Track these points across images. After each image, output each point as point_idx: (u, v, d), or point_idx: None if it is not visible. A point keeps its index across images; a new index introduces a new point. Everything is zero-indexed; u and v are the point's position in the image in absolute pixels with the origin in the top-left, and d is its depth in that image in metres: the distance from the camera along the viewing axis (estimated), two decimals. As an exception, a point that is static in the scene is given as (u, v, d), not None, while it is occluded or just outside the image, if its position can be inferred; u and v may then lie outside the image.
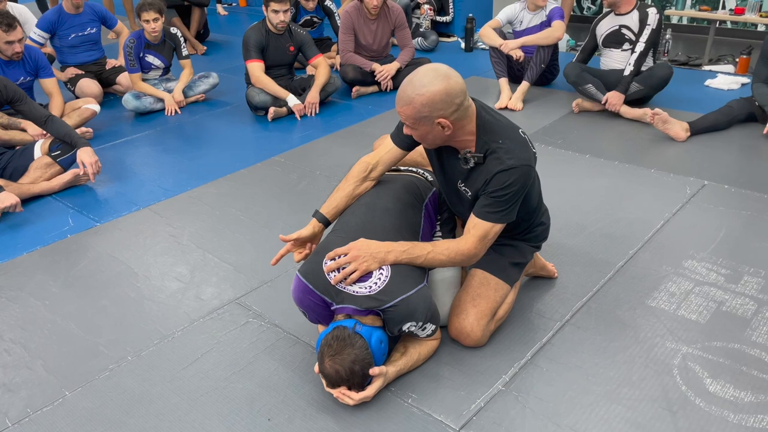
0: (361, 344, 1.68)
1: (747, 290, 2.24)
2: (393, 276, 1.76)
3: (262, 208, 3.04)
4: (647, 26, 3.79)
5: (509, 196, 1.78)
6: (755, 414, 1.72)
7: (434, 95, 1.67)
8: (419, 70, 1.71)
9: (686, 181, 3.06)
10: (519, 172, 1.76)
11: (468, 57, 5.76)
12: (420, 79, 1.68)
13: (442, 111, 1.70)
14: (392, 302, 1.73)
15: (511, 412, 1.76)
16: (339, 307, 1.78)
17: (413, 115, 1.72)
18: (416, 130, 1.78)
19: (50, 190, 3.26)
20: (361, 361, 1.68)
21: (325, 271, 1.76)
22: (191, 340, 2.13)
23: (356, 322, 1.72)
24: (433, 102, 1.68)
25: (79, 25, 4.59)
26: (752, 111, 3.68)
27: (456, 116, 1.73)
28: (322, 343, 1.72)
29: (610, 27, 3.98)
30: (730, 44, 5.93)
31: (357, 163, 2.07)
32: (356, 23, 4.58)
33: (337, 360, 1.67)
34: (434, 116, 1.71)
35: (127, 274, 2.54)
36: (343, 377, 1.68)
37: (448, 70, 1.72)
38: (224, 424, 1.77)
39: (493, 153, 1.78)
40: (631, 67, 3.81)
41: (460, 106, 1.72)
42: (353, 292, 1.75)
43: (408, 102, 1.70)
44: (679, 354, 1.95)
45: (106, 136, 4.08)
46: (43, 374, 2.01)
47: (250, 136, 4.07)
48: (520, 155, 1.78)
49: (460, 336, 1.98)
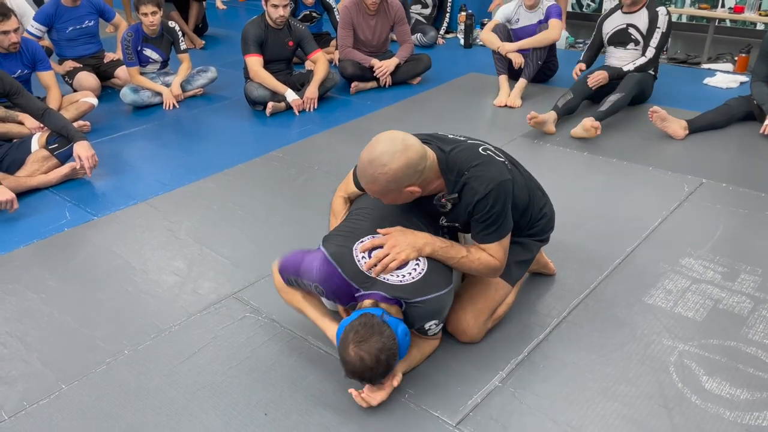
0: (389, 334, 1.63)
1: (744, 288, 2.24)
2: (429, 271, 1.74)
3: (260, 203, 3.04)
4: (657, 29, 3.72)
5: (495, 215, 1.79)
6: (751, 411, 1.72)
7: (396, 171, 1.67)
8: (376, 146, 1.69)
9: (684, 179, 3.07)
10: (495, 192, 1.77)
11: (467, 53, 5.75)
12: (379, 158, 1.67)
13: (407, 181, 1.70)
14: (424, 298, 1.72)
15: (508, 409, 1.77)
16: (366, 294, 1.75)
17: (380, 190, 1.73)
18: (385, 197, 1.78)
19: (47, 183, 3.25)
20: (388, 351, 1.61)
21: (364, 269, 1.74)
22: (188, 335, 2.12)
23: (384, 312, 1.68)
24: (396, 177, 1.68)
25: (76, 18, 4.56)
26: (750, 110, 3.68)
27: (422, 178, 1.74)
28: (347, 329, 1.65)
29: (617, 25, 3.91)
30: (729, 43, 5.93)
31: (334, 199, 2.15)
32: (355, 19, 4.57)
33: (364, 347, 1.60)
34: (401, 187, 1.71)
35: (124, 267, 2.54)
36: (367, 365, 1.60)
37: (404, 137, 1.71)
38: (221, 419, 1.77)
39: (466, 184, 1.78)
40: (632, 67, 3.76)
41: (423, 169, 1.72)
42: (384, 279, 1.73)
43: (372, 181, 1.70)
44: (675, 351, 1.95)
45: (104, 130, 4.06)
46: (40, 367, 2.00)
47: (249, 130, 4.06)
48: (490, 176, 1.77)
49: (456, 332, 1.99)
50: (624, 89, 3.71)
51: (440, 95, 4.53)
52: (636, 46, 3.87)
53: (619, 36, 3.92)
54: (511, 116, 4.07)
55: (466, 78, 4.92)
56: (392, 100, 4.47)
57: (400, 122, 4.01)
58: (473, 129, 3.89)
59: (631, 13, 3.85)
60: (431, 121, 4.03)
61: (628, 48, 3.91)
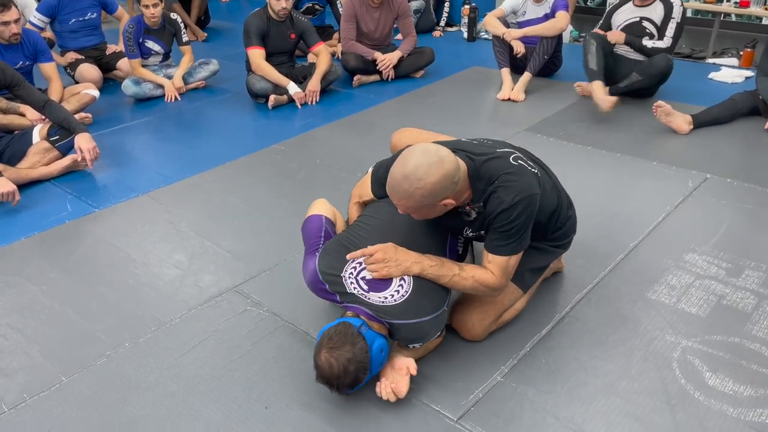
0: (362, 346, 1.63)
1: (748, 284, 2.23)
2: (413, 294, 1.72)
3: (261, 196, 3.03)
4: (672, 20, 3.67)
5: (516, 228, 1.74)
6: (754, 408, 1.71)
7: (434, 185, 1.62)
8: (409, 160, 1.63)
9: (688, 174, 3.05)
10: (522, 204, 1.71)
11: (471, 47, 5.72)
12: (414, 172, 1.60)
13: (443, 194, 1.65)
14: (404, 322, 1.71)
15: (509, 404, 1.76)
16: (348, 305, 1.76)
17: (414, 206, 1.67)
18: (416, 213, 1.72)
19: (48, 175, 3.24)
20: (357, 363, 1.62)
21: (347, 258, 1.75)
22: (189, 328, 2.12)
23: (363, 323, 1.68)
24: (434, 191, 1.63)
25: (79, 9, 4.55)
26: (756, 104, 3.65)
27: (457, 189, 1.69)
28: (323, 334, 1.68)
29: (629, 18, 3.84)
30: (735, 37, 5.89)
31: (351, 207, 2.13)
32: (358, 11, 4.55)
33: (334, 354, 1.61)
34: (437, 201, 1.66)
35: (125, 260, 2.53)
36: (334, 373, 1.62)
37: (437, 149, 1.66)
38: (221, 412, 1.77)
39: (493, 193, 1.73)
40: (650, 46, 3.71)
41: (458, 181, 1.67)
42: (367, 299, 1.72)
43: (407, 196, 1.64)
44: (678, 347, 1.94)
45: (106, 122, 4.05)
46: (40, 359, 2.00)
47: (250, 123, 4.04)
48: (519, 187, 1.71)
49: (459, 329, 1.98)
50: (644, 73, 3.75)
51: (443, 89, 4.51)
52: (651, 39, 3.81)
53: (633, 29, 3.85)
54: (514, 110, 4.05)
55: (470, 72, 4.89)
56: (395, 93, 4.45)
57: (403, 116, 3.99)
58: (476, 123, 3.87)
59: (643, 6, 3.80)
60: (434, 114, 4.01)
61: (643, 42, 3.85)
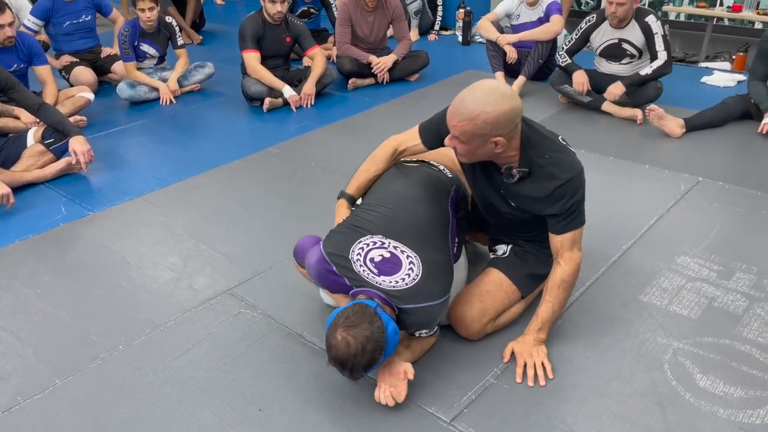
0: (379, 325, 1.58)
1: (739, 286, 2.24)
2: (423, 279, 1.72)
3: (256, 199, 3.03)
4: (655, 35, 3.61)
5: (576, 203, 1.82)
6: (744, 409, 1.73)
7: (500, 115, 1.64)
8: (481, 87, 1.68)
9: (681, 177, 3.07)
10: (575, 180, 1.79)
11: (465, 50, 5.74)
12: (486, 97, 1.64)
13: (502, 130, 1.67)
14: (415, 306, 1.71)
15: (502, 405, 1.77)
16: (360, 290, 1.73)
17: (471, 131, 1.67)
18: (465, 144, 1.72)
19: (43, 178, 3.24)
20: (375, 342, 1.56)
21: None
22: (183, 330, 2.12)
23: (378, 305, 1.65)
24: (497, 122, 1.65)
25: (74, 12, 4.54)
26: (748, 108, 3.67)
27: (511, 135, 1.72)
28: (338, 314, 1.61)
29: (608, 39, 3.77)
30: (727, 41, 5.93)
31: (383, 145, 2.07)
32: (353, 15, 4.56)
33: (352, 332, 1.55)
34: (492, 134, 1.67)
35: (119, 263, 2.53)
36: (351, 352, 1.54)
37: (507, 89, 1.72)
38: (215, 414, 1.77)
39: (541, 168, 1.79)
40: (650, 71, 3.63)
41: (517, 124, 1.72)
42: (377, 284, 1.71)
43: (470, 118, 1.65)
44: (670, 349, 1.96)
45: (101, 125, 4.05)
46: (34, 362, 2.00)
47: (245, 126, 4.05)
48: (569, 164, 1.80)
49: (457, 324, 1.98)
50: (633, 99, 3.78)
51: (438, 92, 4.52)
52: (632, 60, 3.78)
53: (613, 50, 3.79)
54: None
55: (464, 75, 4.91)
56: (390, 96, 4.46)
57: (398, 119, 4.00)
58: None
59: (621, 29, 3.72)
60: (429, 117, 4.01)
61: (623, 63, 3.81)
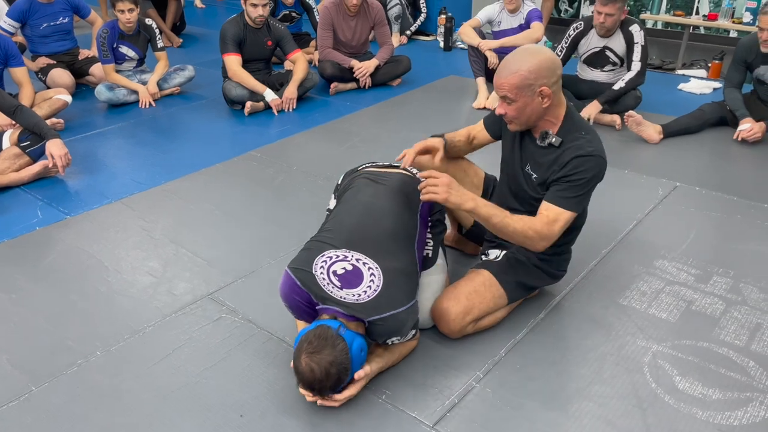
0: (342, 348, 1.62)
1: (716, 290, 2.28)
2: (384, 288, 1.73)
3: (237, 203, 3.01)
4: (636, 44, 3.68)
5: (583, 182, 1.86)
6: (723, 411, 1.75)
7: (542, 62, 1.79)
8: (519, 50, 1.85)
9: (659, 182, 3.11)
10: (596, 161, 1.86)
11: (447, 56, 5.77)
12: (524, 52, 1.83)
13: (546, 79, 1.80)
14: (380, 316, 1.70)
15: (485, 409, 1.77)
16: (324, 308, 1.74)
17: (518, 83, 1.79)
18: (515, 101, 1.83)
19: (19, 181, 3.18)
20: (339, 365, 1.62)
21: (324, 284, 1.74)
22: (163, 336, 2.09)
23: (341, 325, 1.67)
24: (540, 69, 1.78)
25: (50, 14, 4.48)
26: (723, 115, 3.74)
27: (555, 88, 1.83)
28: (302, 339, 1.65)
29: (594, 47, 3.84)
30: (703, 49, 6.04)
31: (463, 130, 2.27)
32: (335, 19, 4.56)
33: (315, 358, 1.60)
34: (538, 84, 1.79)
35: (97, 267, 2.49)
36: (317, 377, 1.61)
37: (543, 46, 1.87)
38: (195, 420, 1.75)
39: (574, 142, 1.88)
40: (623, 84, 3.69)
41: (559, 79, 1.84)
42: (340, 298, 1.71)
43: (515, 71, 1.79)
44: (649, 352, 1.98)
45: (78, 128, 4.00)
46: (9, 369, 1.96)
47: (226, 130, 4.02)
48: (599, 149, 1.89)
49: (440, 319, 1.98)
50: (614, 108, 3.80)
51: (420, 97, 4.54)
52: (614, 67, 3.84)
53: (596, 58, 3.87)
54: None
55: (446, 80, 4.94)
56: (372, 101, 4.46)
57: (380, 123, 4.01)
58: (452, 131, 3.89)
59: (607, 37, 3.79)
60: (410, 122, 4.04)
61: (605, 69, 3.88)
